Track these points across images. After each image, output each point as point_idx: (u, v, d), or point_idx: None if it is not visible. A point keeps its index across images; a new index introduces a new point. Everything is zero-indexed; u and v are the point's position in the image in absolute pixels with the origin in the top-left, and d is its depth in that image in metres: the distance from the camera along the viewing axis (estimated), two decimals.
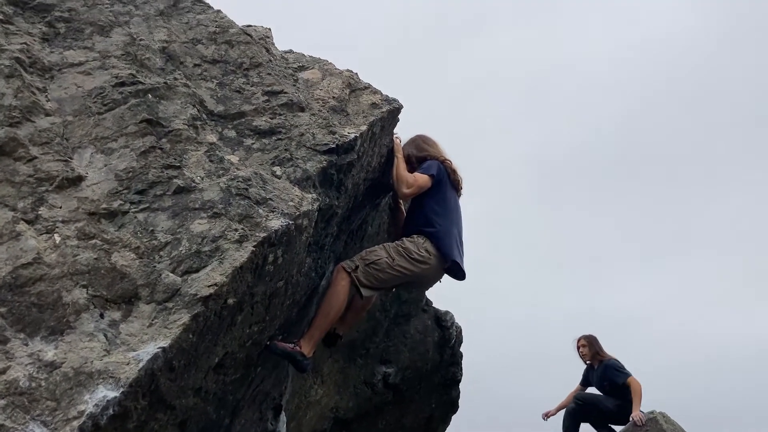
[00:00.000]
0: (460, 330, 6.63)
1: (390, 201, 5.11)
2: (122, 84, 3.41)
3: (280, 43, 4.57)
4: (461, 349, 6.80)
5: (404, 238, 4.26)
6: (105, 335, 2.72)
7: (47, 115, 3.22)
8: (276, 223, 3.13)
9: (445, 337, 6.46)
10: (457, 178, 4.56)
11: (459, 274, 4.41)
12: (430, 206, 4.33)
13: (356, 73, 4.28)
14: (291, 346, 3.74)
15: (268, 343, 3.63)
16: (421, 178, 4.39)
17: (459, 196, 4.61)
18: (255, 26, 6.10)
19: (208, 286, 2.87)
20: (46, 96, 3.30)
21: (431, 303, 6.52)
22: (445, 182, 4.46)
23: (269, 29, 6.03)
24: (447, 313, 6.59)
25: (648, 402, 6.91)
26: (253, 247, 3.01)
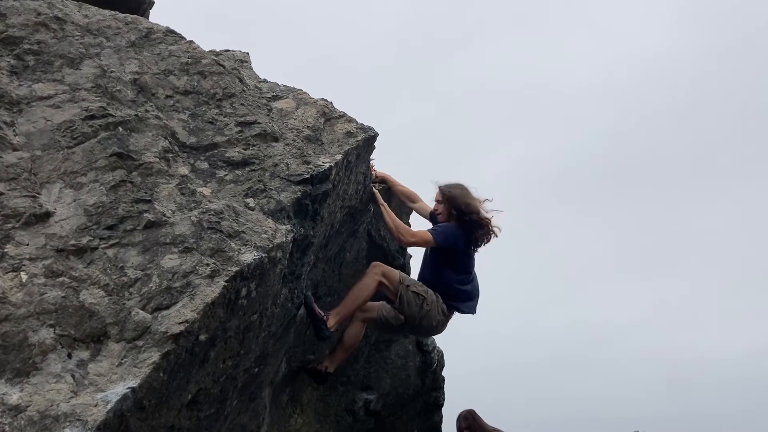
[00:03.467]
0: (442, 354, 6.60)
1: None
2: (92, 117, 3.37)
3: (265, 64, 4.56)
4: (443, 373, 6.77)
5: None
6: (72, 376, 2.66)
7: (15, 150, 3.17)
8: (248, 256, 3.10)
9: (426, 362, 6.42)
10: (479, 234, 4.70)
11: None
12: (452, 277, 4.66)
13: (331, 102, 4.27)
14: (322, 313, 4.20)
15: (304, 295, 4.14)
16: (426, 235, 4.62)
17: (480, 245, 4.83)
18: (233, 51, 6.06)
19: (179, 323, 2.82)
20: (14, 130, 3.26)
21: None
22: (462, 247, 4.67)
23: (247, 53, 6.00)
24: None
25: (631, 419, 6.91)
26: (225, 282, 2.97)
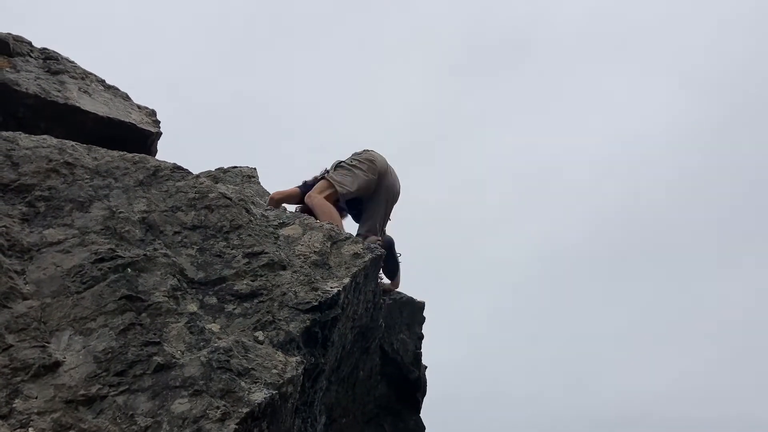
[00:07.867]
0: None
1: None
2: (101, 260, 3.42)
3: (271, 174, 4.67)
4: None
5: None
6: None
7: (24, 299, 3.20)
8: (259, 395, 3.05)
9: None
10: None
11: None
12: None
13: (336, 225, 4.32)
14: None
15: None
16: None
17: None
18: (240, 167, 6.19)
19: None
20: (24, 279, 3.30)
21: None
22: None
23: (254, 169, 6.12)
24: None
25: None
26: (236, 425, 2.91)
